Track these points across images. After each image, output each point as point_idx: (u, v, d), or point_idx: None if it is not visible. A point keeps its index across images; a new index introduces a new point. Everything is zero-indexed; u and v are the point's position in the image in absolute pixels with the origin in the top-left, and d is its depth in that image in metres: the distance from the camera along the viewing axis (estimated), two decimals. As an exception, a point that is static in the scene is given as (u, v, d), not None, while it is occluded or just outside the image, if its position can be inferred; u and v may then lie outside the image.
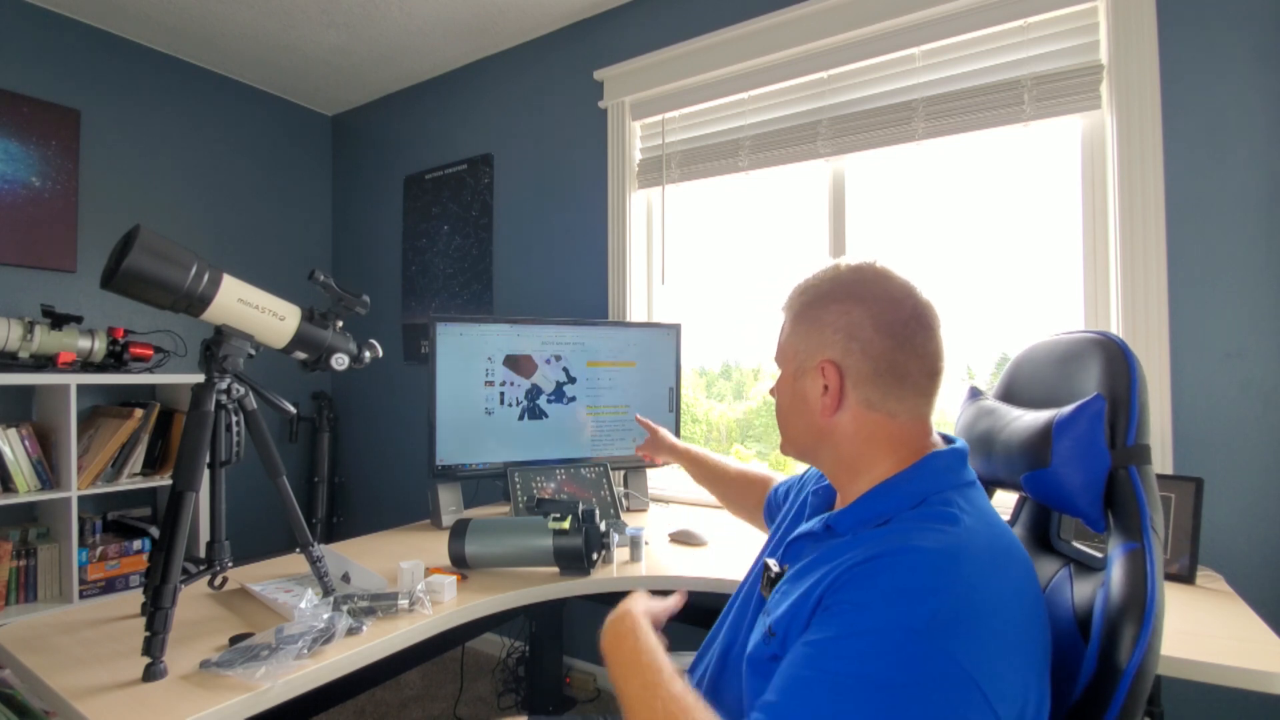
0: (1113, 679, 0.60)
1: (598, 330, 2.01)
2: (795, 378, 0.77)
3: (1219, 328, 1.44)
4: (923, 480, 0.69)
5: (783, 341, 0.80)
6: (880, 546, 0.61)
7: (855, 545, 0.65)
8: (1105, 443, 0.69)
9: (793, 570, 0.73)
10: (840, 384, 0.72)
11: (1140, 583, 0.63)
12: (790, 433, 0.81)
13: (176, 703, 0.84)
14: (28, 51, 2.29)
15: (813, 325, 0.75)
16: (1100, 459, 0.70)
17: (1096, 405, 0.71)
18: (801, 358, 0.76)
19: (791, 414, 0.79)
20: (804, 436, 0.78)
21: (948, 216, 1.87)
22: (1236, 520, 1.41)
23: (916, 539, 0.61)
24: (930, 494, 0.67)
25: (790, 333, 0.78)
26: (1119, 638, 0.61)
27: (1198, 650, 0.97)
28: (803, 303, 0.78)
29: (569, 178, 2.45)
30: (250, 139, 2.97)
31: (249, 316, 1.08)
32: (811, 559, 0.71)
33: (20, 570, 2.03)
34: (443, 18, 2.41)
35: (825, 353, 0.73)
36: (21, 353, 2.01)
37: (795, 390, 0.78)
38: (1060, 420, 0.73)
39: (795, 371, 0.77)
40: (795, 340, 0.77)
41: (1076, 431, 0.71)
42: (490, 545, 1.34)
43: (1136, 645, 0.60)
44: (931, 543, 0.60)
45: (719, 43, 2.07)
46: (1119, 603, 0.63)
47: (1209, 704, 1.40)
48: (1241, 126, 1.42)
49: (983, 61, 1.71)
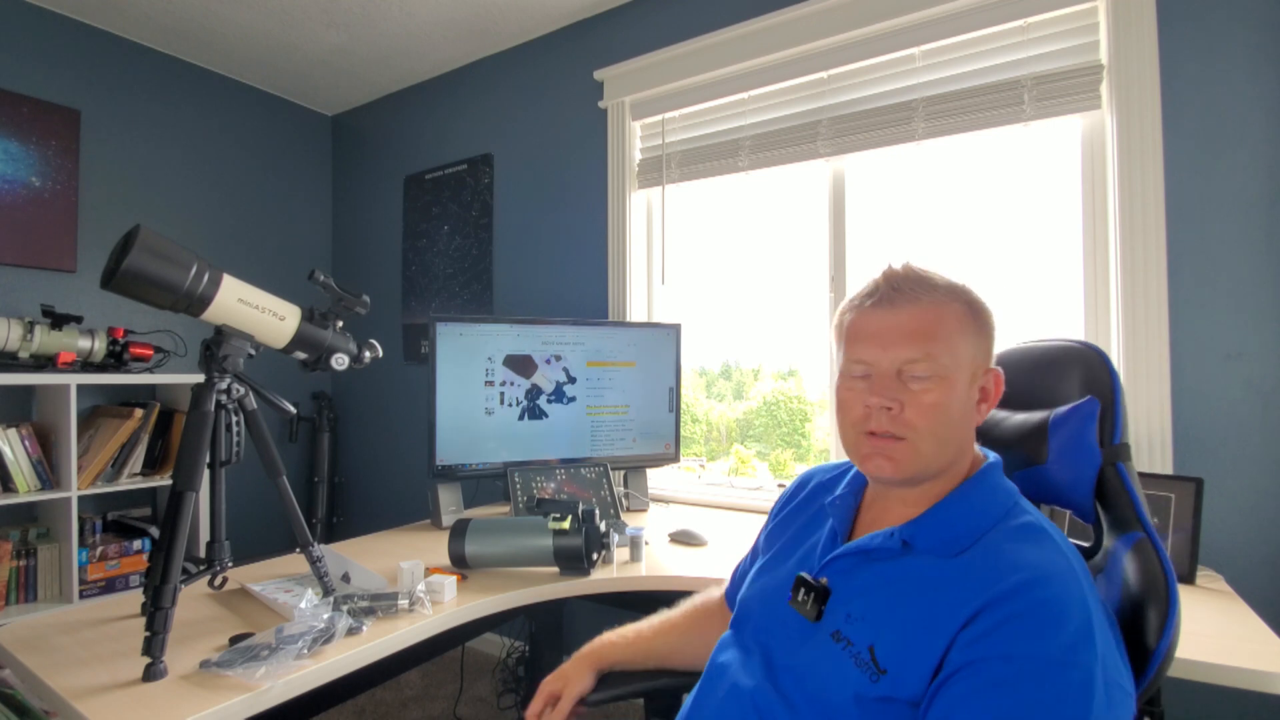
0: (1140, 659, 0.66)
1: (598, 330, 2.01)
2: (970, 383, 0.71)
3: (1219, 328, 1.44)
4: (995, 491, 0.70)
5: (954, 344, 0.70)
6: (1016, 584, 0.59)
7: (968, 575, 0.63)
8: (1096, 441, 0.75)
9: (853, 590, 0.71)
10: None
11: (1157, 569, 0.68)
12: (949, 448, 0.71)
13: (176, 703, 0.84)
14: (28, 51, 2.29)
15: (983, 331, 0.73)
16: (1092, 456, 0.75)
17: (1090, 407, 0.77)
18: (977, 363, 0.72)
19: (963, 424, 0.71)
20: (956, 449, 0.71)
21: (948, 217, 1.87)
22: (1236, 520, 1.41)
23: (1047, 566, 0.61)
24: (1009, 505, 0.69)
25: (959, 335, 0.70)
26: (1145, 622, 0.66)
27: (1198, 650, 0.97)
28: (971, 305, 0.72)
29: (569, 178, 2.45)
30: (250, 139, 2.97)
31: (249, 316, 1.08)
32: (892, 584, 0.68)
33: (20, 570, 2.03)
34: (443, 18, 2.41)
35: (990, 360, 0.74)
36: (21, 353, 2.00)
37: (969, 397, 0.71)
38: (1056, 419, 0.78)
39: (971, 377, 0.71)
40: (969, 344, 0.71)
41: (1071, 430, 0.77)
42: (490, 545, 1.34)
43: (1165, 626, 0.65)
44: (1059, 566, 0.61)
45: (719, 43, 2.07)
46: (1139, 589, 0.68)
47: (1209, 704, 1.39)
48: (1241, 126, 1.42)
49: (983, 61, 1.71)
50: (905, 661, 0.63)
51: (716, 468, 2.30)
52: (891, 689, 0.62)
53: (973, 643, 0.58)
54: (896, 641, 0.64)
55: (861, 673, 0.64)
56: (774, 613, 0.77)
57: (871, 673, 0.64)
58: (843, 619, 0.69)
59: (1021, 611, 0.57)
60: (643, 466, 2.06)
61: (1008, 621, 0.58)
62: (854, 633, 0.67)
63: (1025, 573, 0.60)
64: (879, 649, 0.65)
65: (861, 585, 0.71)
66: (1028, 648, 0.56)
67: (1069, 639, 0.56)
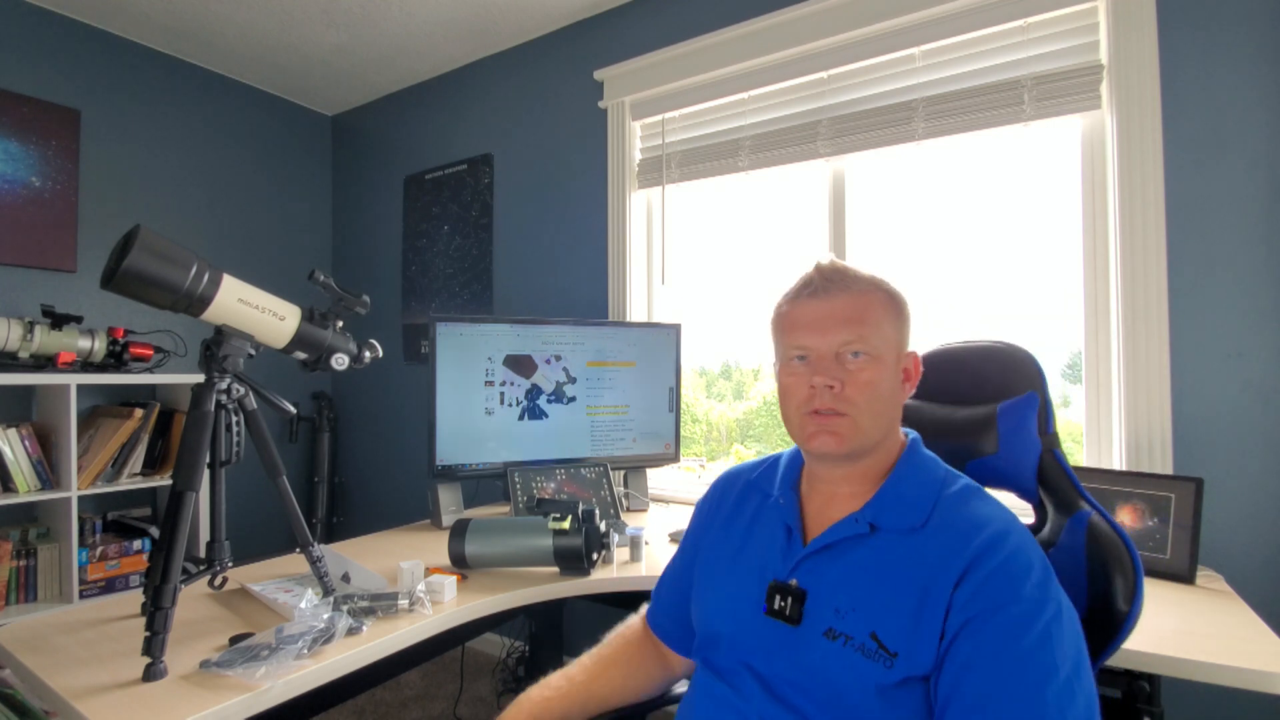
0: (1113, 623, 0.74)
1: (598, 330, 2.01)
2: (896, 364, 0.78)
3: (1219, 328, 1.44)
4: (928, 462, 0.79)
5: (882, 328, 0.77)
6: (987, 540, 0.67)
7: (942, 543, 0.69)
8: (1037, 430, 0.85)
9: (831, 584, 0.72)
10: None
11: (1116, 540, 0.76)
12: (883, 421, 0.77)
13: (176, 703, 0.84)
14: (28, 51, 2.29)
15: (901, 316, 0.80)
16: (1034, 443, 0.85)
17: (1031, 399, 0.87)
18: (900, 346, 0.79)
19: (892, 401, 0.78)
20: (888, 423, 0.78)
21: (948, 216, 1.87)
22: (1236, 520, 1.41)
23: (1000, 519, 0.69)
24: (943, 473, 0.77)
25: (885, 320, 0.77)
26: (1113, 589, 0.75)
27: (1198, 650, 0.97)
28: (890, 295, 0.79)
29: (569, 178, 2.45)
30: (250, 139, 2.97)
31: (249, 316, 1.07)
32: (870, 568, 0.71)
33: (20, 570, 2.03)
34: (443, 18, 2.41)
35: (908, 345, 0.81)
36: (21, 353, 2.00)
37: (896, 376, 0.78)
38: (1004, 408, 0.88)
39: (896, 358, 0.78)
40: (893, 328, 0.78)
41: (1016, 420, 0.87)
42: (490, 545, 1.34)
43: (1135, 590, 0.73)
44: (1006, 516, 0.70)
45: (719, 43, 2.07)
46: (1103, 561, 0.76)
47: (1209, 704, 1.39)
48: (1241, 126, 1.42)
49: (983, 61, 1.71)
50: (913, 637, 0.65)
51: (716, 468, 2.30)
52: (908, 669, 0.64)
53: (967, 602, 0.64)
54: (897, 621, 0.66)
55: (874, 663, 0.66)
56: (749, 628, 0.76)
57: (884, 659, 0.65)
58: (832, 615, 0.70)
59: (998, 566, 0.65)
60: (643, 466, 2.06)
61: (991, 577, 0.65)
62: (850, 626, 0.68)
63: (988, 528, 0.68)
64: (882, 633, 0.66)
65: (839, 577, 0.72)
66: (1011, 593, 0.64)
67: (1037, 577, 0.65)
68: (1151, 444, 1.46)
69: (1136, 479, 1.37)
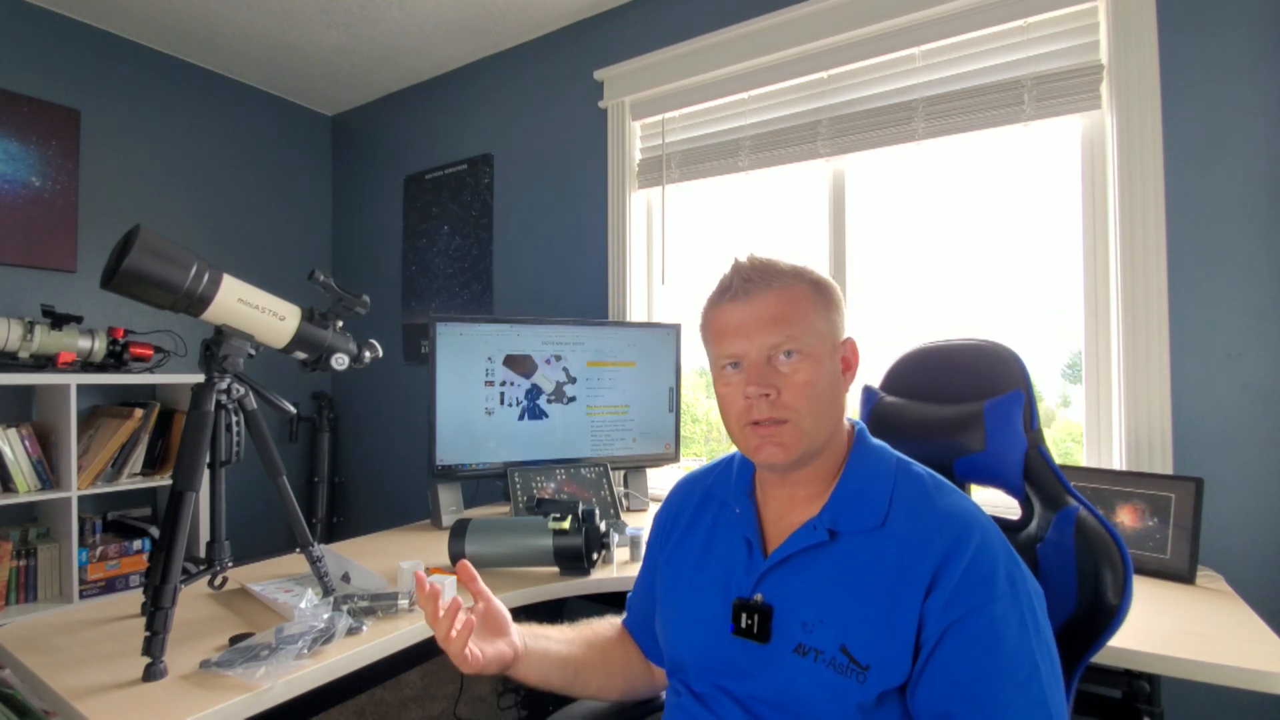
0: (1105, 615, 0.74)
1: (598, 330, 2.01)
2: (832, 356, 0.73)
3: (1219, 328, 1.44)
4: (878, 451, 0.76)
5: (811, 321, 0.72)
6: (952, 540, 0.65)
7: (906, 543, 0.67)
8: (1022, 427, 0.85)
9: (796, 597, 0.69)
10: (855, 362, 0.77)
11: (1104, 534, 0.76)
12: (826, 421, 0.72)
13: (176, 703, 0.84)
14: (28, 51, 2.29)
15: (831, 304, 0.75)
16: (1020, 440, 0.85)
17: (1017, 396, 0.86)
18: (834, 336, 0.74)
19: (834, 396, 0.73)
20: (833, 420, 0.73)
21: (948, 216, 1.87)
22: (1236, 520, 1.40)
23: (962, 510, 0.67)
24: (894, 459, 0.75)
25: (813, 313, 0.73)
26: (1103, 583, 0.74)
27: (1198, 650, 0.96)
28: (816, 284, 0.75)
29: (569, 178, 2.45)
30: (250, 139, 2.97)
31: (249, 316, 1.08)
32: (833, 577, 0.68)
33: (20, 570, 2.03)
34: (443, 18, 2.41)
35: (843, 332, 0.76)
36: (21, 353, 2.00)
37: (834, 369, 0.73)
38: (990, 405, 0.88)
39: (831, 350, 0.73)
40: (823, 320, 0.73)
41: (1003, 417, 0.86)
42: (490, 545, 1.34)
43: (1125, 583, 0.73)
44: (963, 505, 0.68)
45: (719, 43, 2.07)
46: (1093, 555, 0.76)
47: (1209, 704, 1.39)
48: (1241, 127, 1.42)
49: (983, 61, 1.71)
50: (883, 648, 0.63)
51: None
52: (881, 682, 0.62)
53: (943, 609, 0.62)
54: (866, 632, 0.64)
55: (846, 678, 0.63)
56: (716, 649, 0.73)
57: (856, 674, 0.63)
58: (800, 630, 0.68)
59: (967, 566, 0.63)
60: (643, 466, 2.06)
61: (963, 578, 0.63)
62: (819, 640, 0.66)
63: (953, 525, 0.66)
64: (852, 645, 0.64)
65: (802, 589, 0.70)
66: (986, 593, 0.62)
67: (1005, 568, 0.64)
68: (1151, 444, 1.46)
69: (1136, 479, 1.37)
